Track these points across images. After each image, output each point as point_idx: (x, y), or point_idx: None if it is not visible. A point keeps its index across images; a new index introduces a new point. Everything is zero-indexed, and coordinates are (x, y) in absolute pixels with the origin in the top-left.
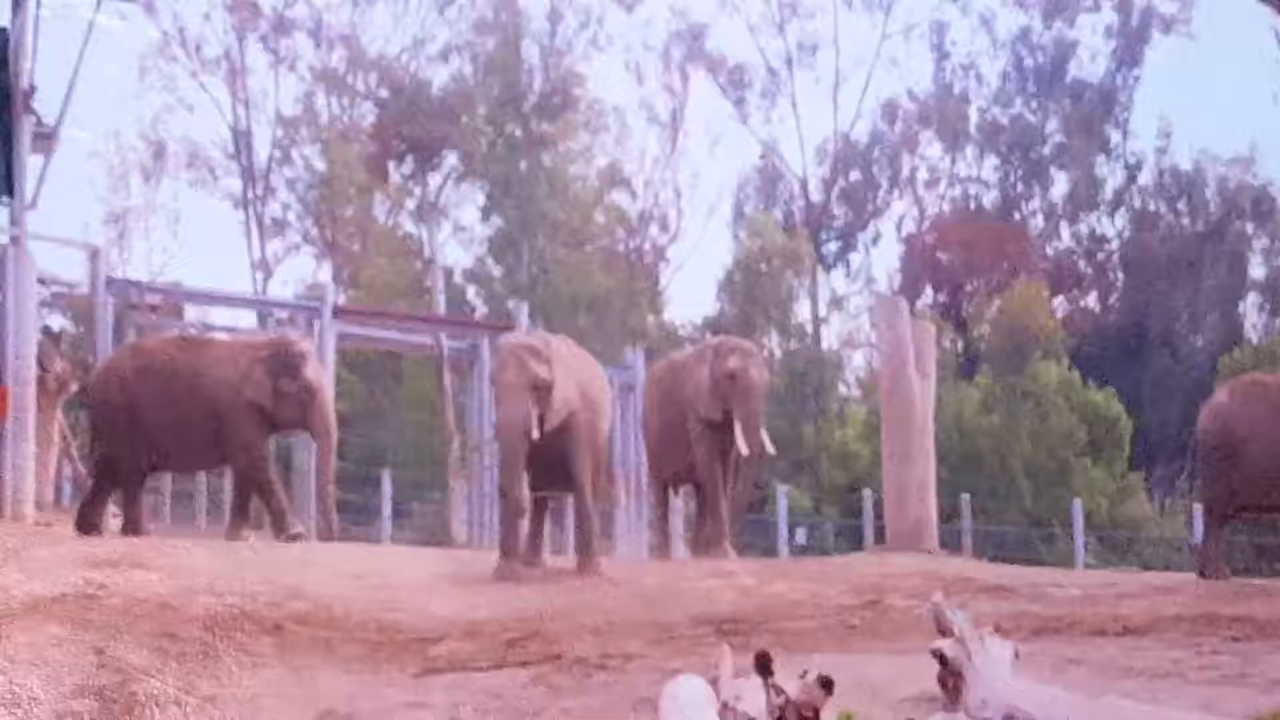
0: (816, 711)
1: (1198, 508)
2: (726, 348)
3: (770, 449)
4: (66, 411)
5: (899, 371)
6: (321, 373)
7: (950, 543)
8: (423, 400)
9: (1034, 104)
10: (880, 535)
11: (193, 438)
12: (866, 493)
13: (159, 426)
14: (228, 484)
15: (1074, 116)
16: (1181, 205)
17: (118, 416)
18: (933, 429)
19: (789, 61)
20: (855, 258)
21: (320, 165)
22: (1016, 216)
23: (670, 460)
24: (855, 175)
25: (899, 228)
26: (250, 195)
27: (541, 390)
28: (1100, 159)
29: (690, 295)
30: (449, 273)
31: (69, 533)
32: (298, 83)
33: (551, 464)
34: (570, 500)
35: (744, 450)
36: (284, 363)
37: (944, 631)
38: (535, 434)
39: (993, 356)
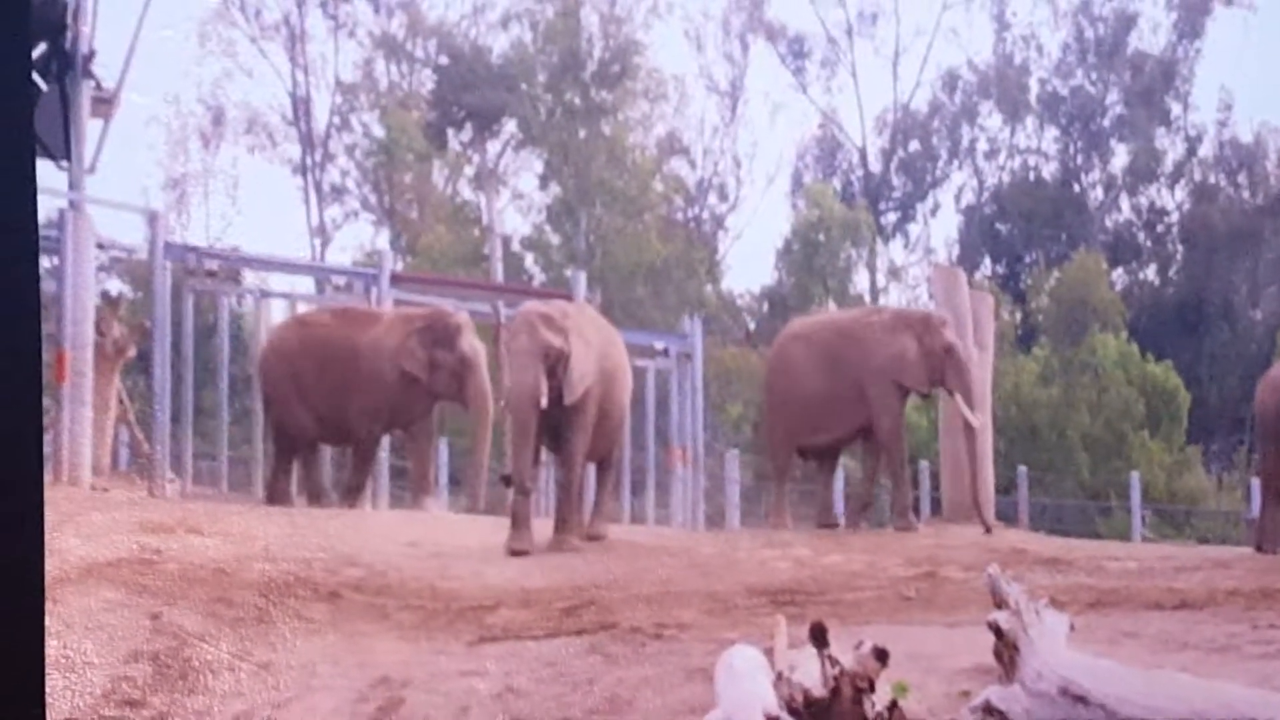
0: (871, 682)
1: (1255, 481)
2: (938, 320)
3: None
4: (124, 377)
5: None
6: (478, 346)
7: (1007, 515)
8: None
9: (1094, 75)
10: (937, 507)
11: (354, 408)
12: (924, 465)
13: (321, 398)
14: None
15: (1134, 88)
16: (1242, 178)
17: (285, 388)
18: (990, 401)
19: (849, 31)
20: (914, 228)
21: (379, 132)
22: (1076, 188)
23: (830, 426)
24: (914, 145)
25: (958, 198)
26: (309, 162)
27: (555, 359)
28: (1160, 131)
29: (748, 265)
30: (507, 240)
31: (125, 498)
32: (357, 49)
33: (561, 435)
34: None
35: (975, 424)
36: (440, 335)
37: (999, 604)
38: (544, 402)
39: (1051, 328)
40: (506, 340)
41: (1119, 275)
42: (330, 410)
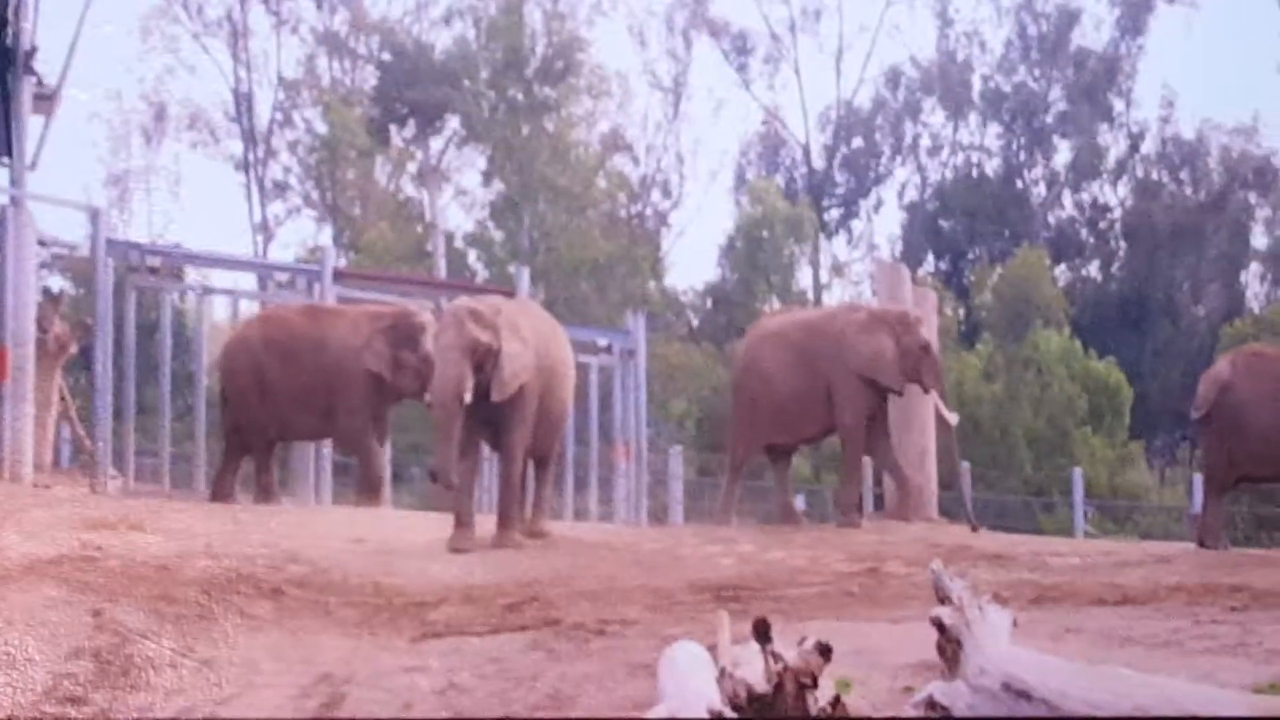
0: (814, 678)
1: (1197, 477)
2: (914, 318)
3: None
4: (66, 374)
5: None
6: None
7: (950, 511)
8: None
9: (1037, 72)
10: (880, 503)
11: (314, 406)
12: (866, 460)
13: (284, 395)
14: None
15: (1077, 85)
16: (1184, 175)
17: (247, 385)
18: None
19: (792, 27)
20: (857, 225)
21: (321, 128)
22: (1019, 185)
23: (800, 426)
24: (858, 142)
25: (901, 195)
26: (251, 158)
27: (482, 354)
28: (1103, 127)
29: (691, 261)
30: (450, 237)
31: (67, 495)
32: (299, 45)
33: (500, 431)
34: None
35: (953, 421)
36: (404, 334)
37: (943, 599)
38: (468, 398)
39: (994, 325)
40: (434, 335)
41: (1062, 271)
42: (293, 409)
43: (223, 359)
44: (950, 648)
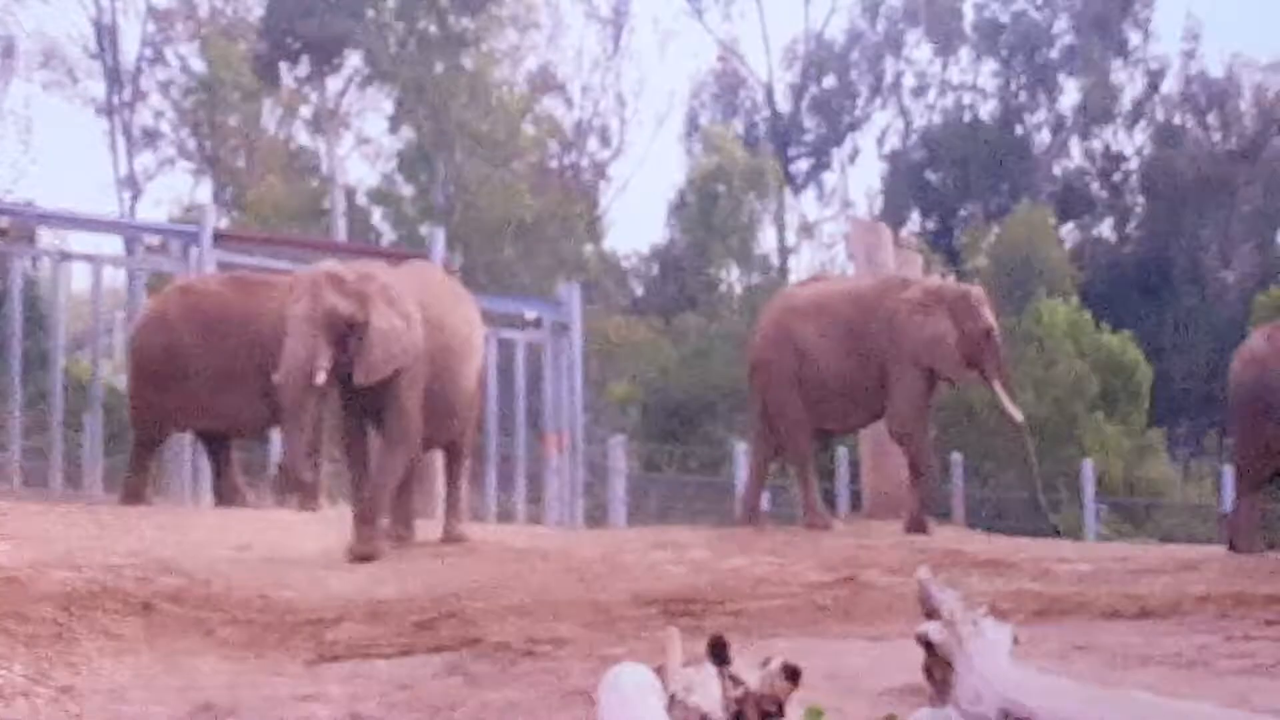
0: (780, 705)
1: (1228, 470)
2: (977, 298)
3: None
4: None
5: None
6: None
7: (939, 509)
8: None
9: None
10: (857, 501)
11: (246, 392)
12: (841, 451)
13: (207, 379)
14: (87, 440)
15: (1086, 14)
16: (1212, 118)
17: (157, 366)
18: None
19: None
20: (829, 178)
21: (199, 66)
22: (1019, 131)
23: (848, 413)
24: (830, 81)
25: (881, 143)
26: (116, 101)
27: (343, 328)
28: (1117, 64)
29: (635, 221)
30: (351, 193)
31: None
32: None
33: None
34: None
35: (1018, 418)
36: None
37: (931, 613)
38: (320, 379)
39: (990, 293)
40: (286, 304)
41: (1069, 231)
42: (216, 394)
43: (133, 334)
44: (939, 669)
